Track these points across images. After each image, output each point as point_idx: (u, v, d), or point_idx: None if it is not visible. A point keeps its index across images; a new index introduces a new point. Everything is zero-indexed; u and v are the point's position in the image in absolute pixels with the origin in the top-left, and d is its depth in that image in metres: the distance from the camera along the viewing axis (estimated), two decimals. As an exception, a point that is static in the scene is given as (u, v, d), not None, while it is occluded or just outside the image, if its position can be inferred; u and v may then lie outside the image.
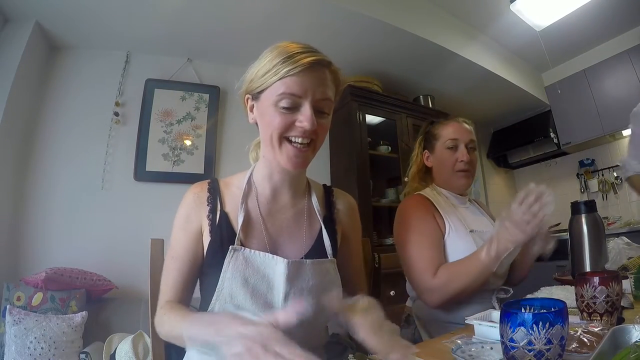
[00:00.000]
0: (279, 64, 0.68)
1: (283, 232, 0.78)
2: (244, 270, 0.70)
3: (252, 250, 0.72)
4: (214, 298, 0.70)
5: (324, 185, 0.91)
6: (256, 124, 0.77)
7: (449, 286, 0.96)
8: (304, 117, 0.68)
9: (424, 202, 1.13)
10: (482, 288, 0.98)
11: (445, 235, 1.08)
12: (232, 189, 0.80)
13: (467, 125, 1.24)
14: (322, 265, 0.76)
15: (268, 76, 0.69)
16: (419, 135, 1.33)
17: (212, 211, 0.76)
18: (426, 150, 1.28)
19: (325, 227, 0.81)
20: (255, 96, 0.74)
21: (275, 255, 0.72)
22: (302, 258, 0.75)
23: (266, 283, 0.70)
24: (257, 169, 0.81)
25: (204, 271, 0.75)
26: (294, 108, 0.69)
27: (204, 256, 0.75)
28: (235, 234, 0.73)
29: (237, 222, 0.74)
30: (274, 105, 0.69)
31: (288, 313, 0.52)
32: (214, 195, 0.78)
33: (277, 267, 0.71)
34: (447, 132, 1.22)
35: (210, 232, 0.74)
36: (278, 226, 0.78)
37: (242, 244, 0.72)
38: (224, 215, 0.75)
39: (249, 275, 0.70)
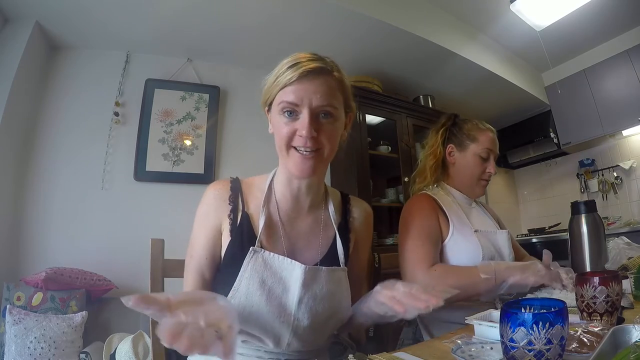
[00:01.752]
0: (280, 74, 0.70)
1: (301, 238, 0.79)
2: (263, 272, 0.71)
3: (272, 254, 0.73)
4: (229, 296, 0.70)
5: (342, 193, 0.92)
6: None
7: (443, 280, 0.97)
8: (301, 125, 0.69)
9: (430, 202, 1.13)
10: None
11: (448, 237, 1.08)
12: (254, 190, 0.81)
13: (496, 139, 1.23)
14: (335, 273, 0.77)
15: (273, 87, 0.72)
16: (441, 126, 1.27)
17: (234, 211, 0.77)
18: (451, 145, 1.23)
19: (340, 236, 0.82)
20: (269, 107, 0.76)
21: (293, 260, 0.73)
22: (316, 264, 0.76)
23: (282, 286, 0.71)
24: (277, 175, 0.81)
25: (221, 269, 0.76)
26: (295, 117, 0.70)
27: (221, 255, 0.76)
28: (255, 236, 0.74)
29: (258, 224, 0.75)
30: (279, 114, 0.71)
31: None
32: (236, 194, 0.79)
33: (294, 272, 0.72)
34: (486, 139, 1.19)
35: (231, 231, 0.75)
36: (296, 232, 0.79)
37: (262, 246, 0.73)
38: (246, 216, 0.76)
39: (266, 277, 0.71)
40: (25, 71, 2.06)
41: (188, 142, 2.49)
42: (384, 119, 2.84)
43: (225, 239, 0.75)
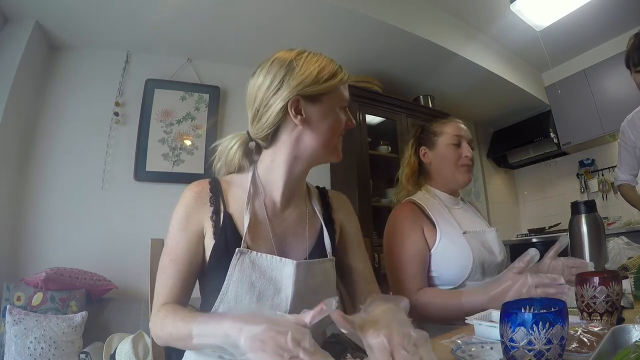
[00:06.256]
0: (339, 71, 0.77)
1: (289, 233, 0.79)
2: (251, 274, 0.69)
3: (259, 254, 0.71)
4: (217, 301, 0.69)
5: (318, 187, 0.92)
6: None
7: (425, 309, 0.99)
8: (349, 118, 0.80)
9: (414, 213, 1.13)
10: None
11: (436, 244, 1.08)
12: (235, 189, 0.78)
13: (465, 126, 1.27)
14: (323, 264, 0.77)
15: (334, 82, 0.76)
16: (412, 137, 1.33)
17: (216, 212, 0.74)
18: (423, 147, 1.27)
19: (326, 227, 0.82)
20: (311, 98, 0.74)
21: (283, 258, 0.72)
22: (305, 258, 0.75)
23: (273, 287, 0.70)
24: (264, 171, 0.80)
25: (207, 274, 0.74)
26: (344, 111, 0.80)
27: (204, 258, 0.74)
28: (240, 236, 0.72)
29: (242, 223, 0.73)
30: (339, 109, 0.78)
31: (313, 313, 0.50)
32: (217, 195, 0.76)
33: (284, 270, 0.71)
34: (450, 129, 1.23)
35: (214, 234, 0.72)
36: (284, 227, 0.78)
37: (247, 247, 0.71)
38: (228, 217, 0.74)
39: (255, 279, 0.69)
40: (25, 71, 2.06)
41: (188, 142, 2.49)
42: (384, 119, 2.84)
43: (209, 242, 0.72)
